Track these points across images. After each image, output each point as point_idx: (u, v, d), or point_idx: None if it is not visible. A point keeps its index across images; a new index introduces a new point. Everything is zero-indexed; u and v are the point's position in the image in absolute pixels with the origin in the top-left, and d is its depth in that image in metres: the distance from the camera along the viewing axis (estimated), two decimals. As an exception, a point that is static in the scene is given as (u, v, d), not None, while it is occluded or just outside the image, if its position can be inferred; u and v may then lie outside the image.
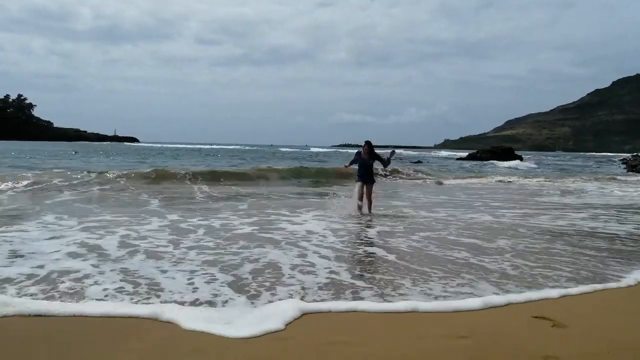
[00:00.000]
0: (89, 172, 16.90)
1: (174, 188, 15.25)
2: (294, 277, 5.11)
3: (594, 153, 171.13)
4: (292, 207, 11.05)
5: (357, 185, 10.72)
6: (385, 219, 9.76)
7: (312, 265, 5.68)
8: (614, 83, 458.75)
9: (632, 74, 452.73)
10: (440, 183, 20.88)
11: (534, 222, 9.56)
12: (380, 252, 6.54)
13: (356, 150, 11.15)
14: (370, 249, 6.75)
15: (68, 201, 11.48)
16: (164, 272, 5.11)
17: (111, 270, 5.14)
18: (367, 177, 10.71)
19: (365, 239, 7.59)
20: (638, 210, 11.83)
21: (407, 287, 4.82)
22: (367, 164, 10.72)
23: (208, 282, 4.81)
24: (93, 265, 5.31)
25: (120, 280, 4.77)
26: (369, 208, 10.62)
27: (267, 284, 4.82)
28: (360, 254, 6.52)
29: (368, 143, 10.78)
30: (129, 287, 4.56)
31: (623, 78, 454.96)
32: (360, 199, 10.57)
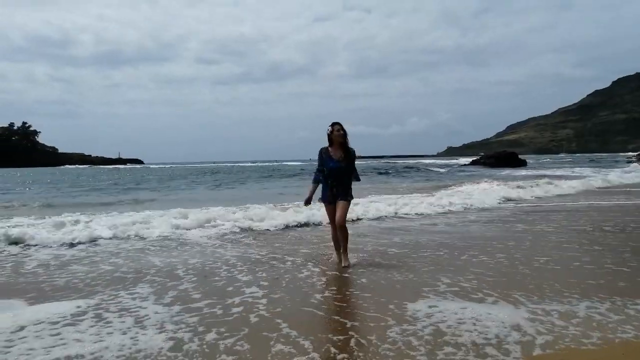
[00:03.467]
0: None
1: None
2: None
3: (599, 154, 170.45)
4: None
5: (325, 208, 6.19)
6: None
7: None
8: (614, 82, 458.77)
9: (632, 72, 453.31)
10: None
11: None
12: None
13: (319, 149, 6.05)
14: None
15: None
16: None
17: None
18: (339, 190, 5.92)
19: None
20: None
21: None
22: (339, 169, 5.88)
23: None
24: None
25: None
26: (344, 248, 6.06)
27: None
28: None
29: (339, 127, 5.86)
30: None
31: (623, 77, 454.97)
32: (334, 230, 6.12)
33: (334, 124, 5.89)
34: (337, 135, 5.84)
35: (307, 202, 6.16)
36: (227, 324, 3.96)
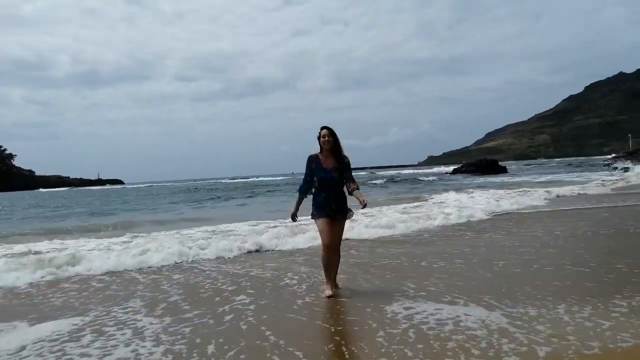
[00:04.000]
0: None
1: None
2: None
3: (576, 158, 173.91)
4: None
5: (320, 224, 5.21)
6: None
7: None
8: (586, 88, 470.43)
9: (603, 77, 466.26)
10: None
11: None
12: None
13: (308, 157, 5.31)
14: None
15: None
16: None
17: None
18: (338, 205, 5.21)
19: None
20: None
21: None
22: (331, 179, 5.18)
23: None
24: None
25: None
26: (335, 274, 5.44)
27: None
28: None
29: (326, 133, 5.17)
30: None
31: (595, 82, 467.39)
32: (330, 252, 5.21)
33: (322, 128, 5.21)
34: (323, 142, 5.19)
35: (293, 217, 5.39)
36: (222, 334, 4.15)
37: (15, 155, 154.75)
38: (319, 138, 5.22)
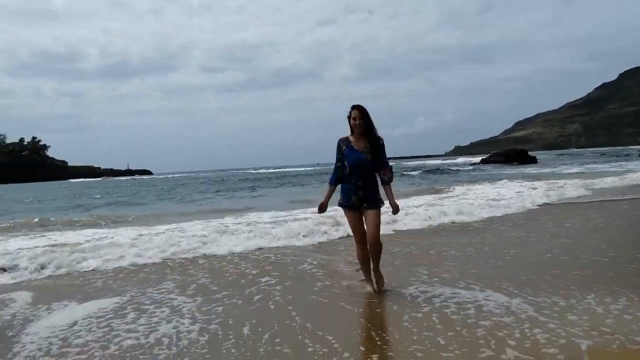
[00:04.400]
0: None
1: None
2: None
3: (609, 147, 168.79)
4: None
5: (348, 217, 4.82)
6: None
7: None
8: (620, 75, 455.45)
9: (639, 64, 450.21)
10: None
11: None
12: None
13: (338, 140, 4.80)
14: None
15: None
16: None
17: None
18: (366, 193, 4.66)
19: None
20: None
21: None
22: (363, 162, 4.64)
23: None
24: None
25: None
26: (376, 266, 4.89)
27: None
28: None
29: (356, 115, 4.61)
30: None
31: (630, 69, 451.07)
32: (363, 247, 4.79)
33: (353, 108, 4.68)
34: (354, 125, 4.65)
35: (321, 207, 4.90)
36: (254, 315, 4.38)
37: (49, 146, 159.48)
38: (349, 118, 4.71)
